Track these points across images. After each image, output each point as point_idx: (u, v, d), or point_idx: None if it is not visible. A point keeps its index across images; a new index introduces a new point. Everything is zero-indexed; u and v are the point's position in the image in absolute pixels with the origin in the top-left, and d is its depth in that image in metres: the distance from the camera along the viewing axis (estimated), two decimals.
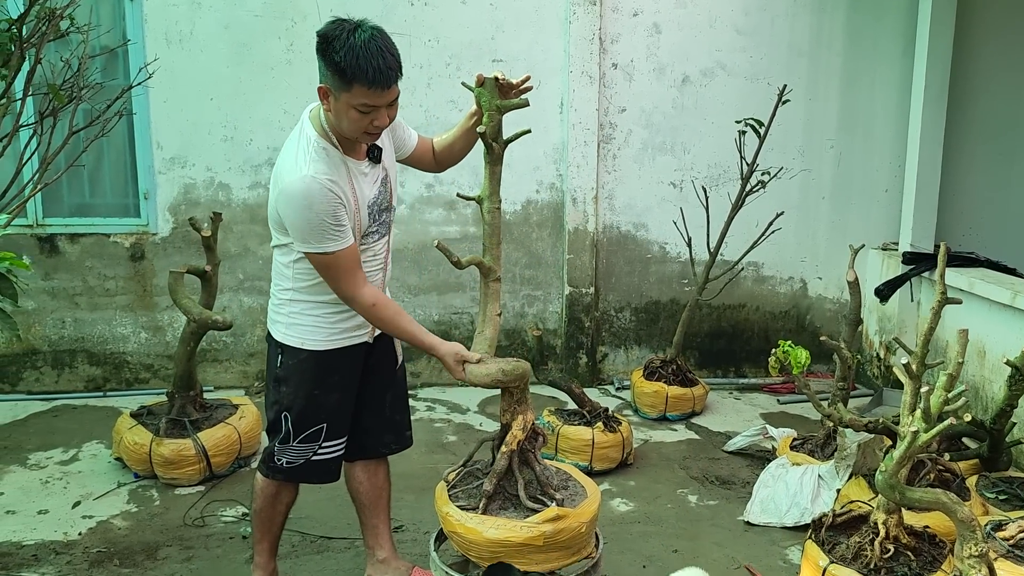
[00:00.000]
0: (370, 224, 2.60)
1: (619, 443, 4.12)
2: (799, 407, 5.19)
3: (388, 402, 2.90)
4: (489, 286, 2.78)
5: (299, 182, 2.40)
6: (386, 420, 2.91)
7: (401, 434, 2.98)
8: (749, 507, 3.74)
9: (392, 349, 2.90)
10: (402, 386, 2.97)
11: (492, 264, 2.77)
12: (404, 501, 3.82)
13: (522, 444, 2.72)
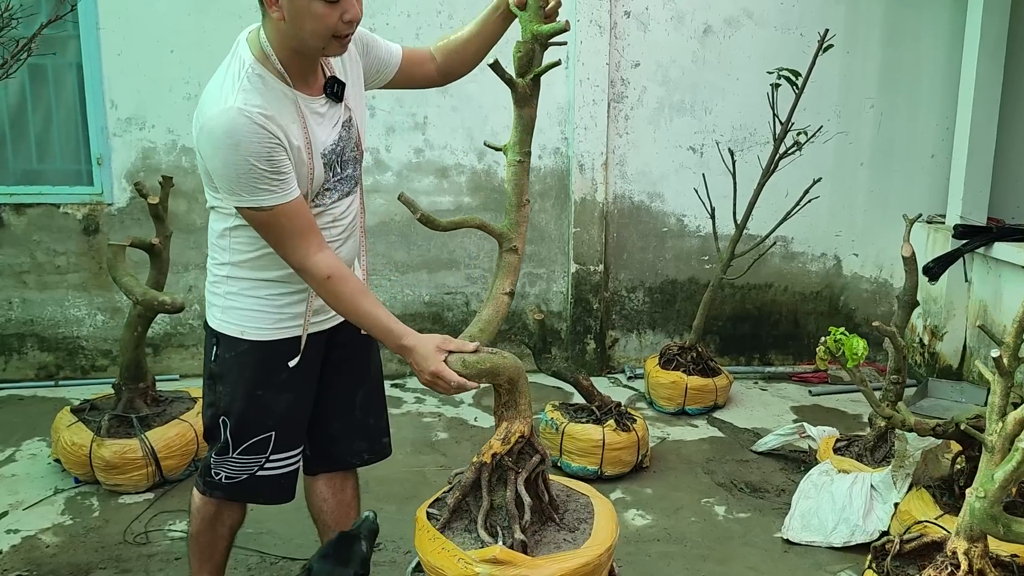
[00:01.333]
0: (328, 178, 2.03)
1: (633, 444, 3.56)
2: (833, 399, 4.62)
3: (359, 402, 2.33)
4: (503, 257, 2.21)
5: (222, 116, 1.83)
6: (357, 424, 2.35)
7: (376, 441, 2.42)
8: (788, 522, 3.18)
9: (365, 336, 2.34)
10: (377, 383, 2.39)
11: (508, 230, 2.20)
12: (384, 513, 3.26)
13: (500, 458, 2.16)
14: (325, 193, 2.04)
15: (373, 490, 3.43)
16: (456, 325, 4.90)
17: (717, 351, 5.01)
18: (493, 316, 2.20)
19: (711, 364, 4.42)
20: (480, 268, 4.86)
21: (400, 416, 4.27)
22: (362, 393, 2.32)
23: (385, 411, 2.42)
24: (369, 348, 2.32)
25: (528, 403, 2.16)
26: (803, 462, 3.78)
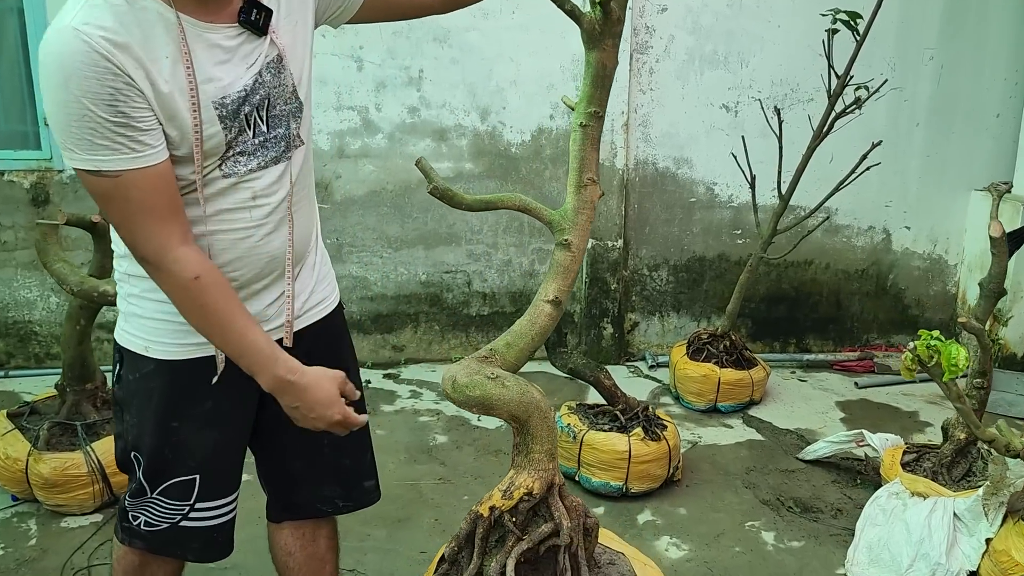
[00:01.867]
0: (235, 136, 1.44)
1: (664, 455, 3.04)
2: (883, 393, 4.09)
3: (328, 438, 1.80)
4: (553, 254, 1.70)
5: (53, 39, 1.28)
6: (326, 465, 1.82)
7: (354, 486, 1.89)
8: (852, 554, 2.66)
9: (337, 349, 1.80)
10: (364, 399, 1.85)
11: (561, 218, 1.68)
12: (371, 540, 2.77)
13: (498, 514, 1.63)
14: (237, 159, 1.45)
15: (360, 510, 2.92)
16: (456, 307, 4.36)
17: (748, 336, 4.48)
18: (527, 329, 1.67)
19: (746, 354, 3.89)
20: (483, 244, 4.30)
21: (393, 414, 3.75)
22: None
23: (368, 448, 1.88)
24: (337, 368, 1.79)
25: (548, 452, 1.62)
26: (859, 473, 3.26)
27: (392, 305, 4.33)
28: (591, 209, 1.69)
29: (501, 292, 4.37)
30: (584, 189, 1.65)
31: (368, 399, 4.03)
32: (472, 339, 4.41)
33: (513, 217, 4.28)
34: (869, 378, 4.22)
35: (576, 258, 1.69)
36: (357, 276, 4.28)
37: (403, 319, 4.36)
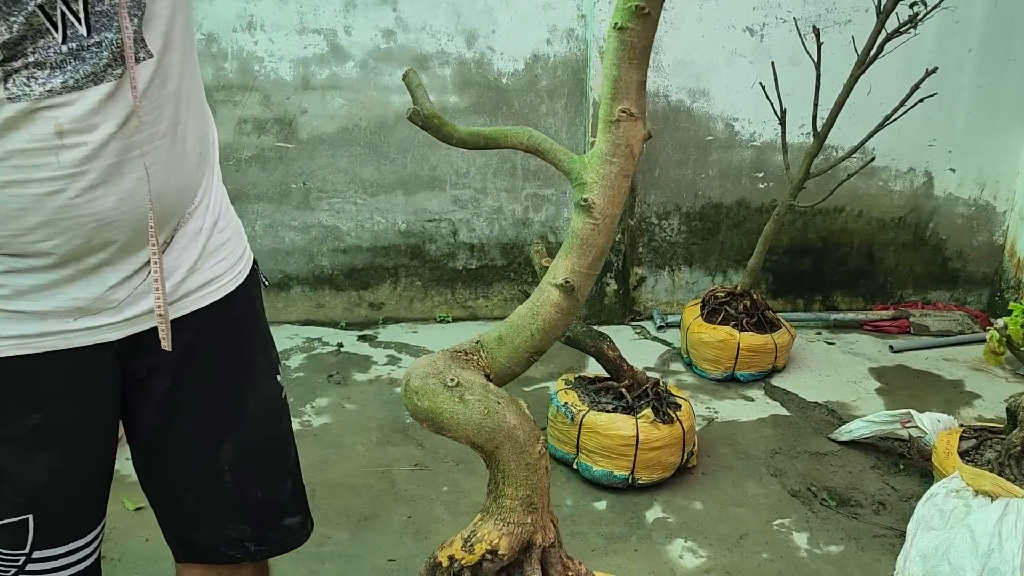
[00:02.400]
0: (21, 35, 0.92)
1: (677, 440, 2.59)
2: (922, 358, 3.62)
3: (228, 463, 1.32)
4: (572, 222, 1.18)
5: None
6: (226, 499, 1.35)
7: (271, 525, 1.40)
8: (903, 564, 2.23)
9: (237, 344, 1.32)
10: (267, 429, 1.37)
11: (581, 167, 1.15)
12: (330, 544, 2.33)
13: (458, 568, 1.17)
14: (32, 74, 0.94)
15: (319, 504, 2.48)
16: (440, 260, 3.87)
17: (768, 292, 3.99)
18: (527, 322, 1.17)
19: (768, 315, 3.41)
20: (471, 188, 3.78)
21: (365, 385, 3.29)
22: (231, 448, 1.31)
23: (289, 474, 1.41)
24: (237, 370, 1.31)
25: (525, 500, 1.14)
26: (901, 456, 2.82)
27: (368, 258, 3.84)
28: (628, 158, 1.12)
29: (491, 243, 3.87)
30: (617, 126, 1.11)
31: (339, 366, 3.60)
32: (458, 296, 3.93)
33: (505, 158, 3.76)
34: (905, 340, 3.75)
35: (601, 228, 1.12)
36: (327, 225, 3.78)
37: (380, 273, 3.87)
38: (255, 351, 1.33)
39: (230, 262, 1.27)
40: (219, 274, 1.25)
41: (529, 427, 1.12)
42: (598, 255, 1.13)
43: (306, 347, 3.61)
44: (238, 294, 1.28)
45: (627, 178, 1.11)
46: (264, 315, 1.40)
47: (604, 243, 1.14)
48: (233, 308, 1.27)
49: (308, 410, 3.07)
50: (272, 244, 3.77)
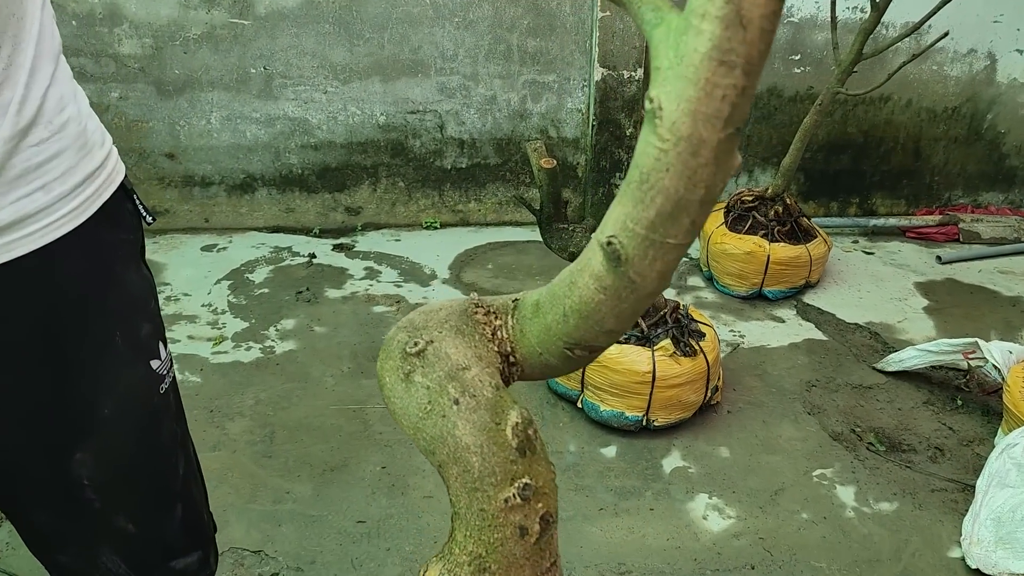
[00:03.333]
0: None
1: (700, 375, 2.19)
2: (974, 271, 3.19)
3: (85, 478, 0.90)
4: (643, 145, 0.55)
5: None
6: (93, 520, 0.94)
7: (153, 568, 1.00)
8: (971, 527, 1.87)
9: (63, 319, 0.86)
10: (138, 439, 0.94)
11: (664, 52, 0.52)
12: (290, 502, 1.97)
13: None
14: None
15: (278, 450, 2.12)
16: (425, 158, 3.39)
17: (801, 195, 3.52)
18: (563, 292, 0.67)
19: (803, 223, 2.96)
20: (459, 74, 3.26)
21: (339, 303, 2.87)
22: (87, 459, 0.89)
23: (178, 502, 1.00)
24: (73, 357, 0.87)
25: (471, 557, 0.70)
26: (958, 390, 2.43)
27: (343, 155, 3.36)
28: (737, 30, 0.53)
29: (483, 138, 3.38)
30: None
31: (310, 281, 3.18)
32: (447, 198, 3.46)
33: (497, 39, 3.21)
34: (953, 249, 3.31)
35: (673, 156, 0.53)
36: (294, 118, 3.27)
37: (358, 173, 3.39)
38: (108, 328, 0.89)
39: (54, 194, 0.82)
40: (28, 214, 0.80)
41: (498, 459, 0.68)
42: (671, 207, 0.55)
43: (273, 258, 3.18)
44: (72, 243, 0.83)
45: (731, 70, 0.51)
46: (139, 271, 0.96)
47: (680, 187, 0.55)
48: (57, 266, 0.83)
49: (271, 334, 2.66)
50: (232, 139, 3.27)
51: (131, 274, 0.93)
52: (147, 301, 0.96)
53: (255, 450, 2.14)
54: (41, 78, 0.82)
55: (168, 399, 0.96)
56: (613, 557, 1.82)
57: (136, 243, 0.96)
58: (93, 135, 0.89)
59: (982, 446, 2.19)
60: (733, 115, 0.51)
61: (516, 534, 0.67)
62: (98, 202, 0.88)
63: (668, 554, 1.83)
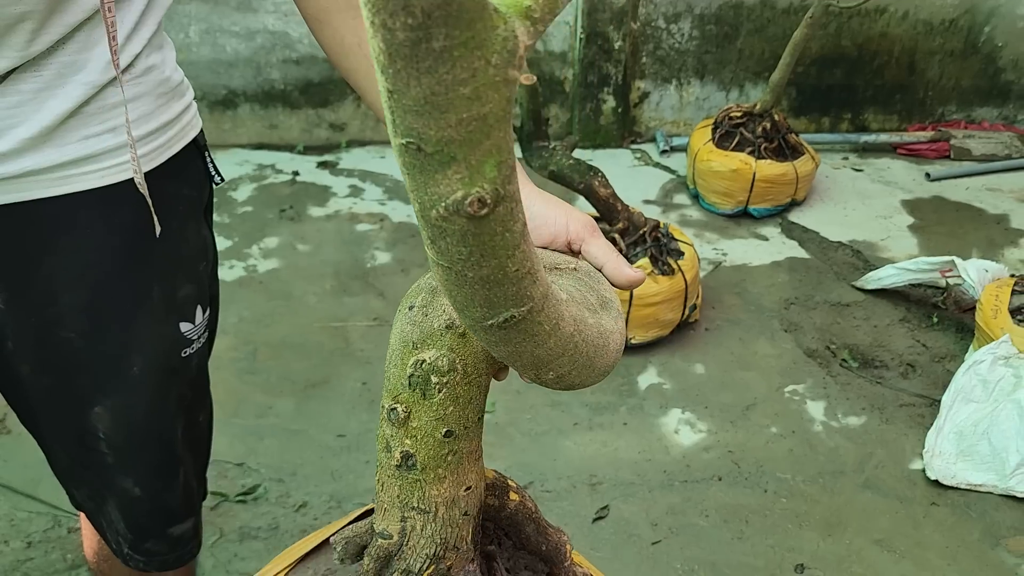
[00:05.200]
0: None
1: (678, 293, 2.21)
2: (962, 188, 3.18)
3: (101, 431, 0.90)
4: None
5: None
6: (105, 473, 0.94)
7: (152, 533, 1.01)
8: (934, 440, 1.92)
9: (106, 266, 0.84)
10: (153, 399, 0.92)
11: None
12: (272, 416, 2.03)
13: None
14: None
15: (261, 367, 2.17)
16: None
17: (790, 110, 3.48)
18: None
19: (791, 141, 2.93)
20: None
21: (323, 221, 2.87)
22: (105, 415, 0.89)
23: (181, 467, 0.99)
24: (108, 305, 0.85)
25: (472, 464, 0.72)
26: (935, 307, 2.45)
27: (326, 70, 3.29)
28: None
29: None
30: None
31: (293, 198, 3.16)
32: None
33: None
34: (943, 166, 3.29)
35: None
36: (275, 31, 3.20)
37: (342, 89, 3.34)
38: (148, 281, 0.87)
39: (123, 138, 0.79)
40: (94, 153, 0.78)
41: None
42: None
43: (257, 175, 3.16)
44: (132, 189, 0.80)
45: None
46: (197, 230, 0.93)
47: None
48: (113, 210, 0.81)
49: (255, 252, 2.67)
50: (212, 54, 3.21)
51: (188, 232, 0.90)
52: (197, 262, 0.93)
53: (238, 367, 2.18)
54: (146, 30, 0.80)
55: (189, 364, 0.94)
56: (585, 469, 1.88)
57: (200, 201, 0.93)
58: (175, 86, 0.86)
59: (954, 362, 2.22)
60: None
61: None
62: (167, 153, 0.85)
63: (639, 466, 1.89)
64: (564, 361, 0.54)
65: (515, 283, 0.43)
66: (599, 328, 0.58)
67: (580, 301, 0.59)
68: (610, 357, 0.60)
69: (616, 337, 0.61)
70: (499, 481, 0.72)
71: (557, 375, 0.55)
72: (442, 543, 0.65)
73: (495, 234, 0.39)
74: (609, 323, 0.61)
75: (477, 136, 0.34)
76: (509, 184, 0.37)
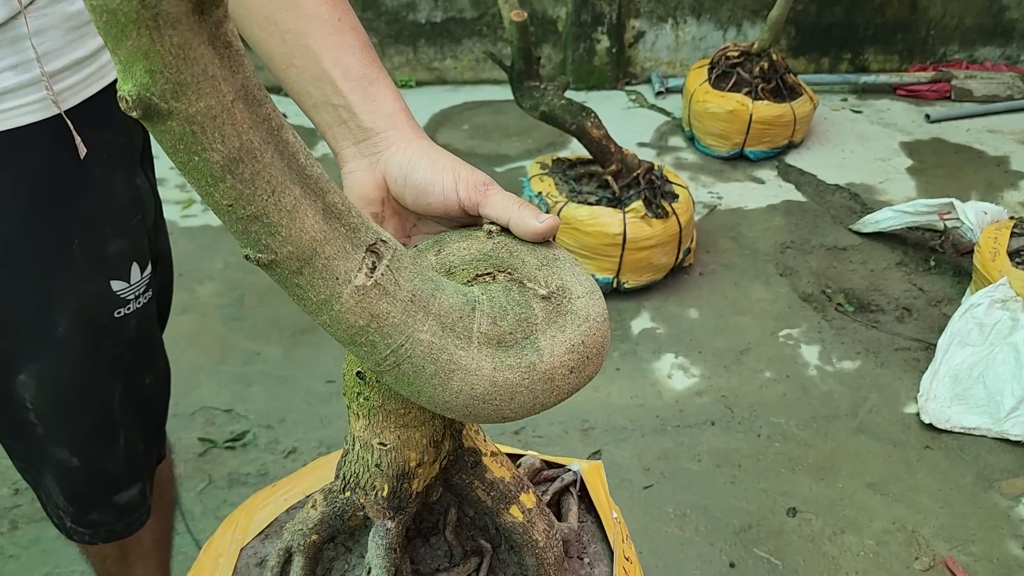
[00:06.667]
0: None
1: (672, 237, 2.17)
2: (962, 130, 3.12)
3: (28, 400, 0.85)
4: None
5: None
6: (37, 444, 0.91)
7: (95, 504, 0.97)
8: (929, 384, 1.91)
9: (16, 217, 0.77)
10: (82, 359, 0.86)
11: None
12: (260, 363, 2.01)
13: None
14: None
15: (247, 313, 2.14)
16: (398, 11, 3.22)
17: (788, 50, 3.39)
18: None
19: (788, 80, 2.86)
20: None
21: None
22: (30, 382, 0.84)
23: (120, 429, 0.93)
24: (27, 260, 0.79)
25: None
26: (932, 251, 2.42)
27: None
28: None
29: None
30: None
31: None
32: (421, 55, 3.32)
33: None
34: (943, 107, 3.22)
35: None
36: None
37: None
38: (66, 235, 0.79)
39: (28, 76, 0.72)
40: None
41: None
42: None
43: None
44: (42, 133, 0.74)
45: None
46: (128, 180, 0.85)
47: None
48: (21, 156, 0.74)
49: None
50: None
51: (116, 181, 0.82)
52: (129, 214, 0.84)
53: (225, 313, 2.14)
54: None
55: (127, 324, 0.86)
56: (578, 415, 1.86)
57: (129, 148, 0.85)
58: (89, 21, 0.77)
59: (950, 306, 2.20)
60: None
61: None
62: (82, 94, 0.77)
63: (631, 411, 1.87)
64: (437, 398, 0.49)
65: (232, 220, 0.41)
66: (495, 376, 0.49)
67: (478, 331, 0.49)
68: (526, 399, 0.50)
69: (554, 373, 0.50)
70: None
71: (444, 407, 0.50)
72: (353, 477, 0.64)
73: (178, 151, 0.38)
74: (527, 357, 0.50)
75: (113, 31, 0.34)
76: (182, 103, 0.36)
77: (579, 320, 0.52)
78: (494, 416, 0.50)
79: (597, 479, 0.79)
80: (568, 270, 0.54)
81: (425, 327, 0.47)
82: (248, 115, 0.39)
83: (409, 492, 0.64)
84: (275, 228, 0.41)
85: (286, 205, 0.41)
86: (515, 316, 0.51)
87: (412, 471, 0.63)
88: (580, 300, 0.52)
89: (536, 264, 0.54)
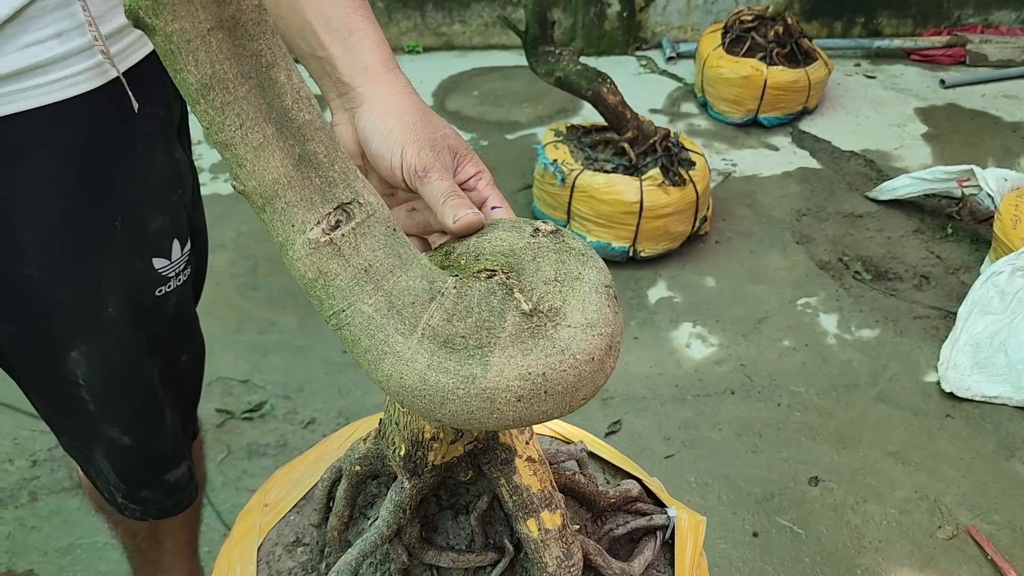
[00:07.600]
0: None
1: (689, 205, 2.15)
2: (978, 95, 3.08)
3: (80, 377, 0.83)
4: None
5: None
6: (89, 421, 0.88)
7: (146, 482, 0.96)
8: (949, 352, 1.90)
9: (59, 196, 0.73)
10: (130, 340, 0.84)
11: None
12: (276, 332, 1.99)
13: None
14: None
15: (263, 282, 2.12)
16: None
17: (803, 14, 3.34)
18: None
19: (803, 45, 2.81)
20: None
21: None
22: (82, 360, 0.82)
23: (167, 409, 0.92)
24: (69, 239, 0.75)
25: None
26: (950, 218, 2.40)
27: None
28: None
29: None
30: None
31: None
32: (429, 20, 3.27)
33: None
34: (958, 73, 3.18)
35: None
36: None
37: None
38: (110, 213, 0.76)
39: (72, 45, 0.68)
40: (39, 64, 0.67)
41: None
42: None
43: None
44: (85, 107, 0.71)
45: None
46: (168, 154, 0.82)
47: None
48: (65, 130, 0.71)
49: None
50: None
51: (157, 156, 0.79)
52: (169, 190, 0.81)
53: (239, 282, 2.12)
54: None
55: (166, 303, 0.84)
56: None
57: (169, 121, 0.82)
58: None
59: (968, 274, 2.18)
60: None
61: None
62: (125, 63, 0.73)
63: (650, 380, 1.86)
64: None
65: (211, 142, 0.44)
66: (427, 374, 0.46)
67: (426, 323, 0.46)
68: (459, 410, 0.46)
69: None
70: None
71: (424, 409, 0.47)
72: (384, 426, 0.65)
73: (166, 64, 0.41)
74: (468, 367, 0.46)
75: None
76: (160, 20, 0.39)
77: (552, 350, 0.46)
78: (428, 414, 0.47)
79: (693, 533, 0.75)
80: (581, 295, 0.48)
81: (371, 300, 0.46)
82: (229, 46, 0.41)
83: (424, 461, 0.63)
84: (240, 160, 0.44)
85: (252, 141, 0.43)
86: (477, 321, 0.47)
87: (426, 443, 0.61)
88: (569, 330, 0.47)
89: (548, 277, 0.49)
